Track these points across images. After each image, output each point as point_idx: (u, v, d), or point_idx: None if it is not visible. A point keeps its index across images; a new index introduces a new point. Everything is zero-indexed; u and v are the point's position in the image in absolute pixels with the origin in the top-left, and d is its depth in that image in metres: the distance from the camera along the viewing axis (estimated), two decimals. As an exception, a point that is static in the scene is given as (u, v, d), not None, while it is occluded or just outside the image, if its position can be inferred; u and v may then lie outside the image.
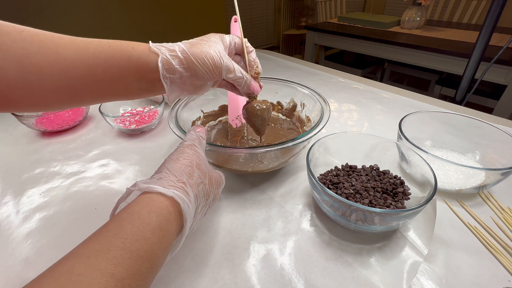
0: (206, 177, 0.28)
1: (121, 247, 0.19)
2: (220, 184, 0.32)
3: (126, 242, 0.19)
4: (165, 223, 0.22)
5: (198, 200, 0.27)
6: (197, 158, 0.29)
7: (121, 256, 0.19)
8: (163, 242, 0.22)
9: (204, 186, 0.28)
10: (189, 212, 0.24)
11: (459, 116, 0.48)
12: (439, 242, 0.35)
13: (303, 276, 0.31)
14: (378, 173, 0.40)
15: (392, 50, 1.60)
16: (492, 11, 0.71)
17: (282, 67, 0.96)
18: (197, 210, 0.27)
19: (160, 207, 0.23)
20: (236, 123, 0.50)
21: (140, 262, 0.19)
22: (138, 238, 0.20)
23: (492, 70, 1.15)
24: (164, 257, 0.22)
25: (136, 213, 0.22)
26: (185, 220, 0.24)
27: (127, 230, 0.20)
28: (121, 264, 0.18)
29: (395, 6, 2.77)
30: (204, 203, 0.28)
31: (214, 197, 0.30)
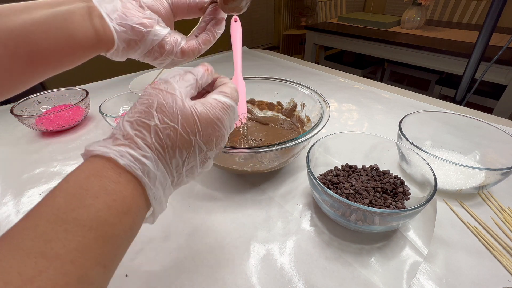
0: (177, 119, 0.20)
1: (53, 219, 0.15)
2: (221, 119, 0.22)
3: (59, 213, 0.16)
4: (112, 186, 0.17)
5: (168, 151, 0.20)
6: (160, 98, 0.20)
7: (53, 230, 0.15)
8: (115, 207, 0.17)
9: (173, 132, 0.20)
10: (146, 169, 0.19)
11: (459, 116, 0.48)
12: (439, 242, 0.35)
13: (303, 276, 0.31)
14: (378, 173, 0.40)
15: (392, 50, 1.60)
16: (492, 11, 0.71)
17: (282, 67, 0.96)
18: (173, 164, 0.20)
19: (102, 169, 0.18)
20: (236, 123, 0.50)
21: (82, 233, 0.15)
22: (75, 207, 0.16)
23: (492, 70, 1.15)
24: (124, 225, 0.18)
25: (72, 180, 0.17)
26: (141, 177, 0.18)
27: (60, 200, 0.16)
28: (54, 238, 0.15)
29: (395, 6, 2.77)
30: (188, 153, 0.21)
31: (208, 139, 0.22)
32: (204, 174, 0.46)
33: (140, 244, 0.35)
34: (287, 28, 3.35)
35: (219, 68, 0.94)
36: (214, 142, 0.22)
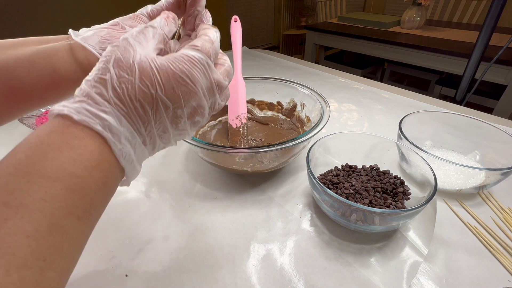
0: (134, 72, 0.19)
1: (15, 173, 0.15)
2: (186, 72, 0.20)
3: (21, 166, 0.15)
4: (76, 141, 0.17)
5: (129, 106, 0.18)
6: (118, 53, 0.19)
7: (15, 182, 0.14)
8: (81, 160, 0.16)
9: (131, 85, 0.18)
10: (107, 124, 0.18)
11: (459, 116, 0.48)
12: (439, 242, 0.35)
13: (303, 276, 0.31)
14: (378, 173, 0.40)
15: (392, 50, 1.60)
16: (492, 11, 0.71)
17: (282, 67, 0.96)
18: (139, 121, 0.19)
19: (63, 126, 0.17)
20: (236, 123, 0.50)
21: (47, 184, 0.15)
22: (37, 160, 0.15)
23: (492, 70, 1.15)
24: (94, 178, 0.17)
25: (33, 137, 0.17)
26: (101, 132, 0.17)
27: (21, 156, 0.15)
28: (17, 189, 0.14)
29: (395, 6, 2.77)
30: (152, 109, 0.19)
31: (172, 94, 0.20)
32: (204, 174, 0.46)
33: (140, 244, 0.35)
34: (287, 28, 3.35)
35: (219, 68, 0.94)
36: (182, 99, 0.20)
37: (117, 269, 0.32)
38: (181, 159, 0.50)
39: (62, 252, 0.15)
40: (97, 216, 0.18)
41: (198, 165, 0.48)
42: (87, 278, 0.31)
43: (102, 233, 0.36)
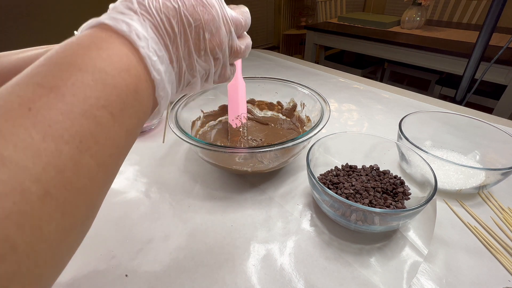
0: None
1: (44, 63, 0.15)
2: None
3: (51, 59, 0.15)
4: (104, 44, 0.17)
5: (154, 16, 0.19)
6: None
7: (47, 70, 0.14)
8: (109, 61, 0.16)
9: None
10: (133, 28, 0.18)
11: (459, 116, 0.48)
12: (439, 242, 0.35)
13: (303, 276, 0.31)
14: (378, 173, 0.40)
15: (392, 50, 1.60)
16: (492, 11, 0.71)
17: (282, 67, 0.96)
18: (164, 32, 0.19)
19: (91, 32, 0.17)
20: (236, 123, 0.50)
21: (78, 73, 0.15)
22: (66, 54, 0.15)
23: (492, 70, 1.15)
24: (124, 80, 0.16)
25: (64, 42, 0.17)
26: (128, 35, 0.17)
27: (51, 52, 0.15)
28: (49, 74, 0.14)
29: (395, 6, 2.77)
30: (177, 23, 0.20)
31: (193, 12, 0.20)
32: (204, 174, 0.46)
33: (140, 244, 0.35)
34: (287, 28, 3.35)
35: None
36: (202, 18, 0.21)
37: (117, 269, 0.32)
38: (181, 159, 0.50)
39: (99, 143, 0.15)
40: (129, 126, 0.17)
41: (198, 165, 0.48)
42: (87, 278, 0.31)
43: (102, 233, 0.36)
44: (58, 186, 0.13)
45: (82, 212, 0.14)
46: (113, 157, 0.16)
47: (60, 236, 0.13)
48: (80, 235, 0.16)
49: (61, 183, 0.13)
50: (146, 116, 0.20)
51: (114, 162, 0.17)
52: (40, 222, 0.12)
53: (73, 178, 0.13)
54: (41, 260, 0.12)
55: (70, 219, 0.14)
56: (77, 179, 0.14)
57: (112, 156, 0.16)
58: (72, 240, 0.15)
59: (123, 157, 0.18)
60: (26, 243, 0.11)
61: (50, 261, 0.13)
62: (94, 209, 0.16)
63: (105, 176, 0.16)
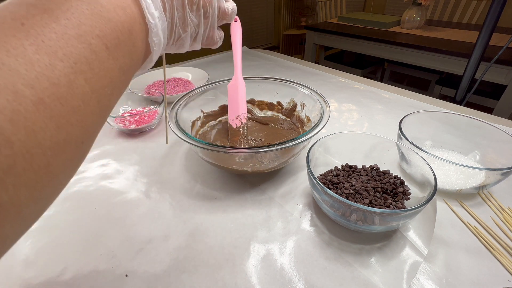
0: None
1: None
2: None
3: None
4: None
5: None
6: None
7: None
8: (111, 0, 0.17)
9: None
10: None
11: (459, 116, 0.48)
12: (439, 242, 0.35)
13: (303, 276, 0.31)
14: (378, 173, 0.40)
15: (392, 50, 1.60)
16: (492, 11, 0.71)
17: (282, 67, 0.96)
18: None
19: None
20: (236, 123, 0.50)
21: (74, 1, 0.15)
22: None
23: (492, 70, 1.15)
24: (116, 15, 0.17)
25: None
26: None
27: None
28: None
29: (395, 6, 2.77)
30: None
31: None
32: (204, 174, 0.46)
33: (140, 244, 0.35)
34: (287, 28, 3.35)
35: (219, 68, 0.94)
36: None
37: (117, 269, 0.32)
38: (181, 159, 0.50)
39: (93, 70, 0.15)
40: (123, 65, 0.17)
41: (198, 165, 0.48)
42: (87, 278, 0.31)
43: (102, 233, 0.36)
44: (52, 97, 0.13)
45: (76, 132, 0.14)
46: (107, 90, 0.16)
47: (54, 148, 0.13)
48: (76, 156, 0.15)
49: (55, 95, 0.13)
50: (139, 61, 0.20)
51: (108, 96, 0.17)
52: (34, 126, 0.12)
53: (67, 95, 0.13)
54: (36, 165, 0.12)
55: (64, 134, 0.14)
56: (71, 97, 0.14)
57: (106, 88, 0.16)
58: (67, 156, 0.14)
59: (116, 95, 0.18)
60: (21, 142, 0.12)
61: (45, 171, 0.13)
62: (88, 134, 0.16)
63: (98, 105, 0.16)
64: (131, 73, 0.20)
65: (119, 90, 0.18)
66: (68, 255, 0.33)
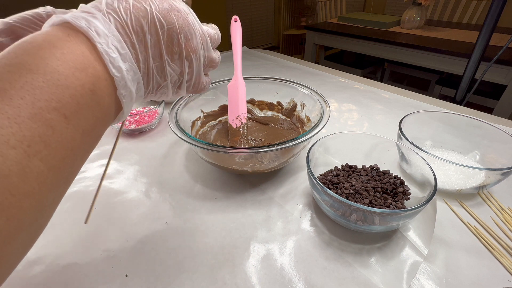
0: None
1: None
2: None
3: (2, 60, 0.15)
4: (57, 41, 0.16)
5: (122, 16, 0.19)
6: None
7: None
8: (63, 59, 0.16)
9: (124, 0, 0.19)
10: (93, 24, 0.17)
11: (459, 116, 0.48)
12: (439, 242, 0.35)
13: (303, 276, 0.31)
14: (378, 173, 0.40)
15: (392, 50, 1.60)
16: (492, 11, 0.71)
17: (282, 67, 0.96)
18: (132, 32, 0.19)
19: (48, 30, 0.17)
20: (236, 123, 0.50)
21: (28, 75, 0.14)
22: (18, 55, 0.15)
23: (492, 70, 1.15)
24: (79, 80, 0.16)
25: (18, 41, 0.16)
26: (85, 30, 0.17)
27: (3, 53, 0.15)
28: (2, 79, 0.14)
29: (395, 6, 2.77)
30: (147, 23, 0.20)
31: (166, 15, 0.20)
32: (204, 174, 0.46)
33: (140, 244, 0.35)
34: (287, 28, 3.35)
35: (219, 68, 0.94)
36: (176, 22, 0.21)
37: (117, 269, 0.32)
38: (181, 159, 0.50)
39: (50, 147, 0.14)
40: (86, 128, 0.17)
41: (198, 165, 0.48)
42: (87, 278, 0.31)
43: (102, 233, 0.36)
44: (2, 191, 0.12)
45: (30, 215, 0.14)
46: (68, 159, 0.16)
47: (4, 239, 0.13)
48: (30, 236, 0.15)
49: (5, 188, 0.12)
50: (108, 116, 0.19)
51: (69, 164, 0.16)
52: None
53: (19, 183, 0.13)
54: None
55: (15, 222, 0.13)
56: (24, 183, 0.13)
57: (65, 158, 0.16)
58: (19, 242, 0.14)
59: (81, 158, 0.18)
60: None
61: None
62: (44, 211, 0.15)
63: (58, 179, 0.15)
64: (100, 130, 0.19)
65: (85, 153, 0.18)
66: (68, 255, 0.33)
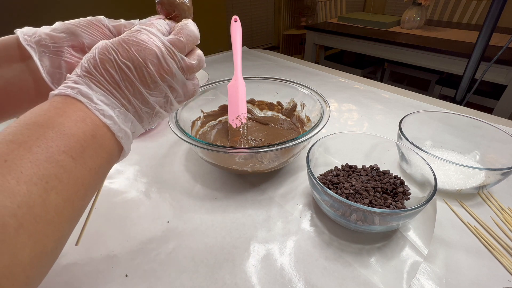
0: (94, 49, 0.22)
1: (14, 125, 0.18)
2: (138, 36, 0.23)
3: (19, 122, 0.18)
4: (58, 104, 0.20)
5: (94, 71, 0.21)
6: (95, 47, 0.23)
7: (16, 130, 0.18)
8: (66, 116, 0.19)
9: (92, 59, 0.22)
10: (77, 90, 0.21)
11: (459, 116, 0.48)
12: (439, 242, 0.35)
13: (303, 276, 0.31)
14: (378, 173, 0.40)
15: (392, 50, 1.60)
16: (492, 11, 0.71)
17: (282, 67, 0.96)
18: (108, 83, 0.22)
19: (49, 100, 0.21)
20: (236, 123, 0.50)
21: (41, 130, 0.18)
22: (31, 117, 0.19)
23: (492, 70, 1.15)
24: (81, 130, 0.19)
25: (34, 109, 0.20)
26: (74, 95, 0.20)
27: (17, 121, 0.19)
28: (18, 133, 0.17)
29: (395, 6, 2.77)
30: (118, 72, 0.22)
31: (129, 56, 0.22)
32: (204, 174, 0.46)
33: (140, 244, 0.35)
34: (287, 28, 3.35)
35: (219, 68, 0.94)
36: (139, 57, 0.22)
37: (117, 269, 0.32)
38: (181, 159, 0.50)
39: (62, 182, 0.18)
40: (93, 166, 0.20)
41: (198, 165, 0.48)
42: (87, 278, 0.31)
43: (102, 233, 0.36)
44: (29, 219, 0.16)
45: (51, 241, 0.17)
46: (79, 193, 0.19)
47: (32, 261, 0.16)
48: (51, 259, 0.18)
49: (31, 216, 0.16)
50: (112, 156, 0.23)
51: (81, 198, 0.20)
52: (15, 249, 0.15)
53: (41, 212, 0.16)
54: (16, 281, 0.15)
55: (41, 246, 0.16)
56: (45, 213, 0.16)
57: (77, 192, 0.19)
58: (43, 264, 0.17)
59: (91, 192, 0.21)
60: (5, 267, 0.14)
61: (23, 282, 0.15)
62: (62, 238, 0.19)
63: (72, 210, 0.19)
64: (106, 168, 0.22)
65: (94, 187, 0.21)
66: (68, 255, 0.33)
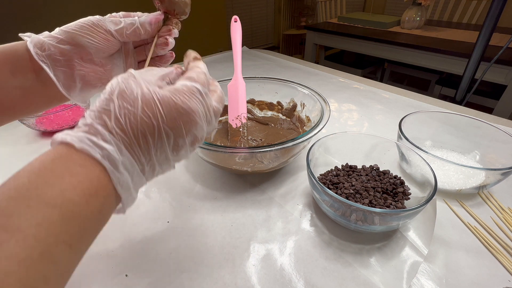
0: (137, 103, 0.19)
1: (15, 196, 0.15)
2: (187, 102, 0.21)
3: (22, 190, 0.16)
4: (78, 168, 0.17)
5: (130, 136, 0.19)
6: (122, 85, 0.20)
7: (15, 206, 0.15)
8: (81, 188, 0.17)
9: (134, 116, 0.19)
10: (106, 153, 0.18)
11: (459, 116, 0.48)
12: (439, 242, 0.35)
13: (303, 276, 0.31)
14: (378, 173, 0.40)
15: (392, 50, 1.59)
16: (492, 11, 0.71)
17: (282, 67, 0.96)
18: (140, 150, 0.20)
19: (67, 153, 0.18)
20: (236, 123, 0.50)
21: (46, 209, 0.15)
22: (38, 185, 0.16)
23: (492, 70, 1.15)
24: (91, 206, 0.17)
25: (37, 162, 0.17)
26: (101, 161, 0.18)
27: (23, 180, 0.16)
28: (16, 213, 0.15)
29: (395, 6, 2.77)
30: (154, 139, 0.20)
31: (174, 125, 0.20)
32: (204, 174, 0.46)
33: (140, 244, 0.35)
34: (287, 28, 3.35)
35: (219, 68, 0.94)
36: (183, 128, 0.21)
37: (117, 269, 0.32)
38: (181, 159, 0.50)
39: (49, 283, 0.15)
40: (88, 244, 0.19)
41: (198, 165, 0.48)
42: (87, 278, 0.31)
43: (102, 233, 0.36)
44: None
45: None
46: (64, 276, 0.17)
47: None
48: None
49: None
50: (106, 222, 0.21)
51: (64, 280, 0.17)
52: None
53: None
54: None
55: None
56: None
57: (63, 278, 0.17)
58: None
59: (78, 259, 0.19)
60: None
61: None
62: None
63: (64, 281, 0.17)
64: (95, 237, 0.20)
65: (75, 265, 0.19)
66: (68, 255, 0.33)
